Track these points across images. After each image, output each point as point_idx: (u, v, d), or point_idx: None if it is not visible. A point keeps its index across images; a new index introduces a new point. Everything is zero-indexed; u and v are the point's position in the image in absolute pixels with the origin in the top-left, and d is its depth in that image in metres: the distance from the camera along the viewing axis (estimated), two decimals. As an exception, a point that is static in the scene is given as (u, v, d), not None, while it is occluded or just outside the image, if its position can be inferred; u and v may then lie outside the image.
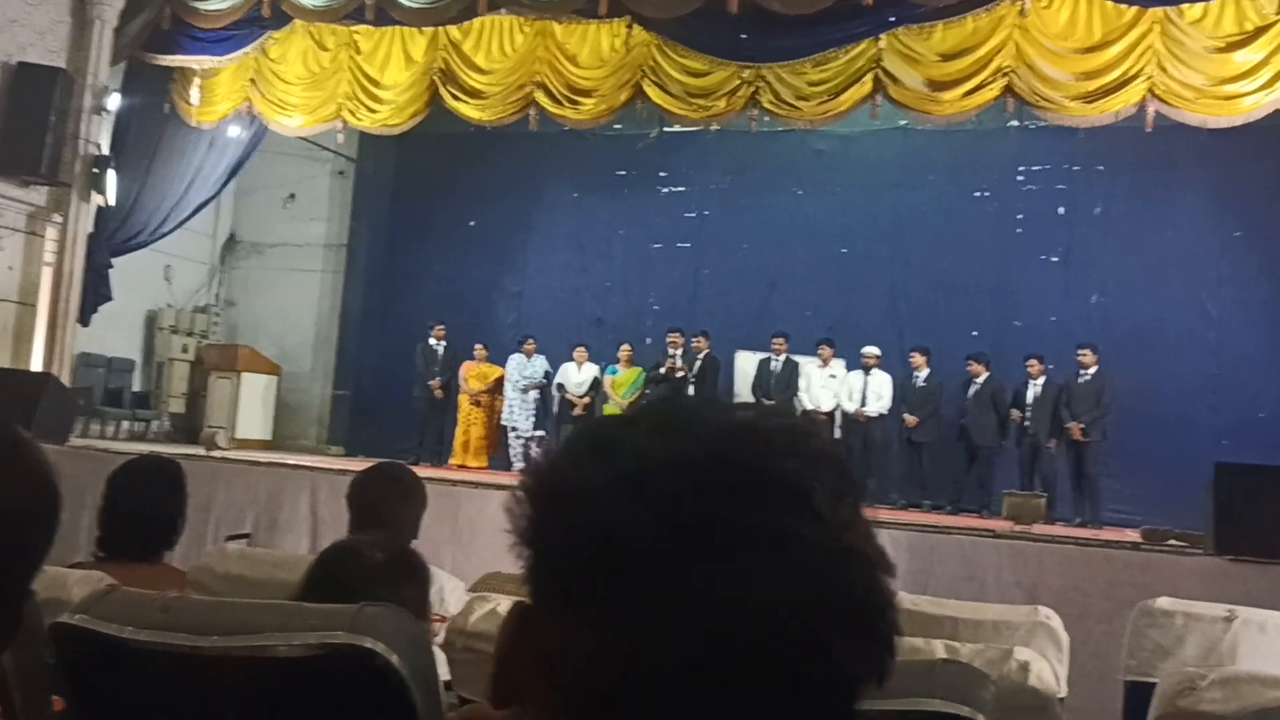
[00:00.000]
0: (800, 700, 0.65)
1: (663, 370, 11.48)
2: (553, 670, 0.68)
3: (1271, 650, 3.07)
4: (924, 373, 10.93)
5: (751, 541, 0.65)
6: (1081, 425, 10.04)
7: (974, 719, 1.46)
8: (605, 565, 0.66)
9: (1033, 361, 10.44)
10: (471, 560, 7.15)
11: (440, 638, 2.49)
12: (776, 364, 11.31)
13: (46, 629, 1.48)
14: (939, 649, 2.18)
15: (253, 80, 12.05)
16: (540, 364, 12.30)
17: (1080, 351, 10.30)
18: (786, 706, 0.65)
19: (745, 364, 11.87)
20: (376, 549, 2.11)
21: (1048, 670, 2.27)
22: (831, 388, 11.11)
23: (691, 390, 11.26)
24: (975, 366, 10.69)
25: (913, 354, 11.04)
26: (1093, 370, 10.22)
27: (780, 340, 11.32)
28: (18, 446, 0.97)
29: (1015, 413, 10.41)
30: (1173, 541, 7.71)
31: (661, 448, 0.69)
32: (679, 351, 11.50)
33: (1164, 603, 3.22)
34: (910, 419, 10.78)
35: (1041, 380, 10.40)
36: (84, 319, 12.22)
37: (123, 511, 3.19)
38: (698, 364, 11.40)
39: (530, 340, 12.35)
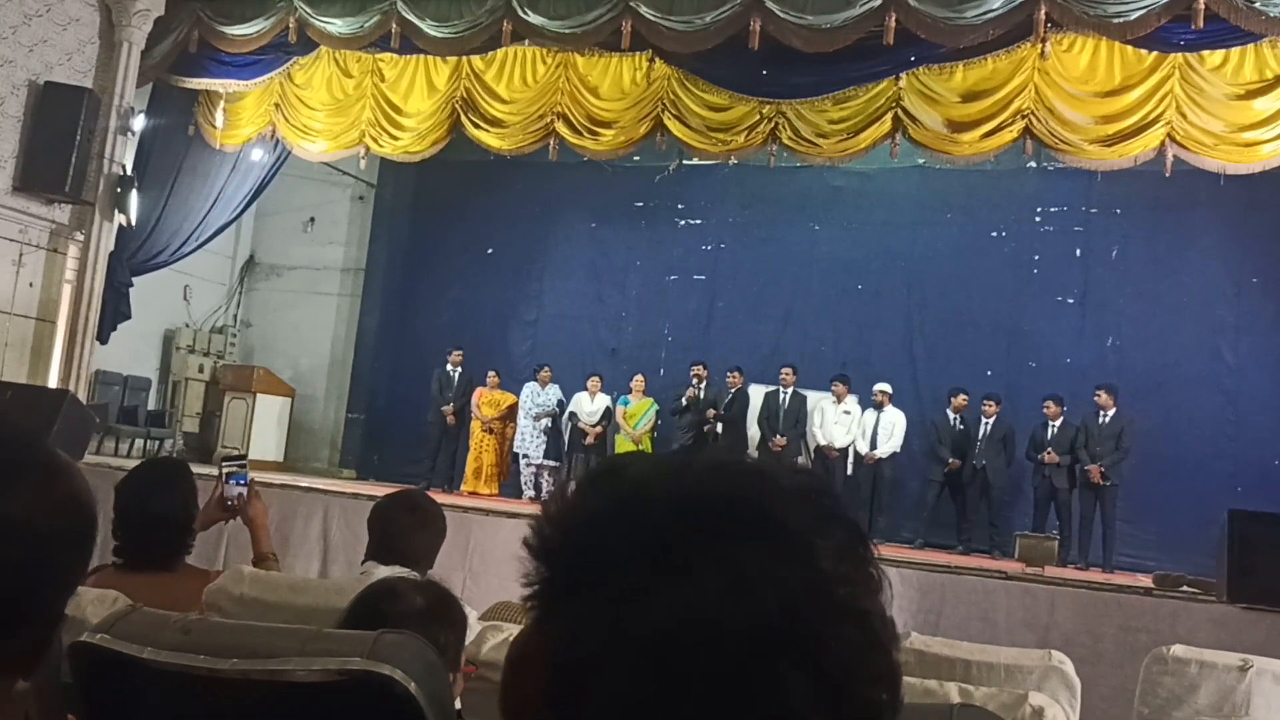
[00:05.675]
0: None
1: (684, 401, 11.46)
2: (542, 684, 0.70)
3: (1286, 701, 3.05)
4: (960, 415, 10.82)
5: (720, 572, 0.66)
6: (1101, 468, 9.94)
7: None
8: (584, 580, 0.69)
9: (1049, 403, 10.38)
10: (482, 587, 7.17)
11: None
12: (784, 396, 11.26)
13: (65, 648, 1.48)
14: (953, 692, 2.18)
15: (277, 105, 12.16)
16: (554, 393, 12.33)
17: (1096, 393, 10.23)
18: None
19: (756, 397, 11.87)
20: (418, 594, 2.09)
21: (1061, 716, 2.26)
22: (845, 424, 11.08)
23: (719, 425, 11.24)
24: (990, 406, 10.65)
25: (959, 395, 10.85)
26: (1111, 412, 10.14)
27: (788, 371, 11.29)
28: (54, 466, 0.97)
29: (1049, 454, 10.21)
30: (1185, 588, 7.66)
31: (660, 480, 0.72)
32: (703, 384, 11.45)
33: (1178, 650, 3.20)
34: (954, 463, 10.60)
35: (1059, 421, 10.33)
36: (103, 337, 12.29)
37: (135, 520, 3.15)
38: (729, 398, 11.39)
39: (545, 369, 12.39)
